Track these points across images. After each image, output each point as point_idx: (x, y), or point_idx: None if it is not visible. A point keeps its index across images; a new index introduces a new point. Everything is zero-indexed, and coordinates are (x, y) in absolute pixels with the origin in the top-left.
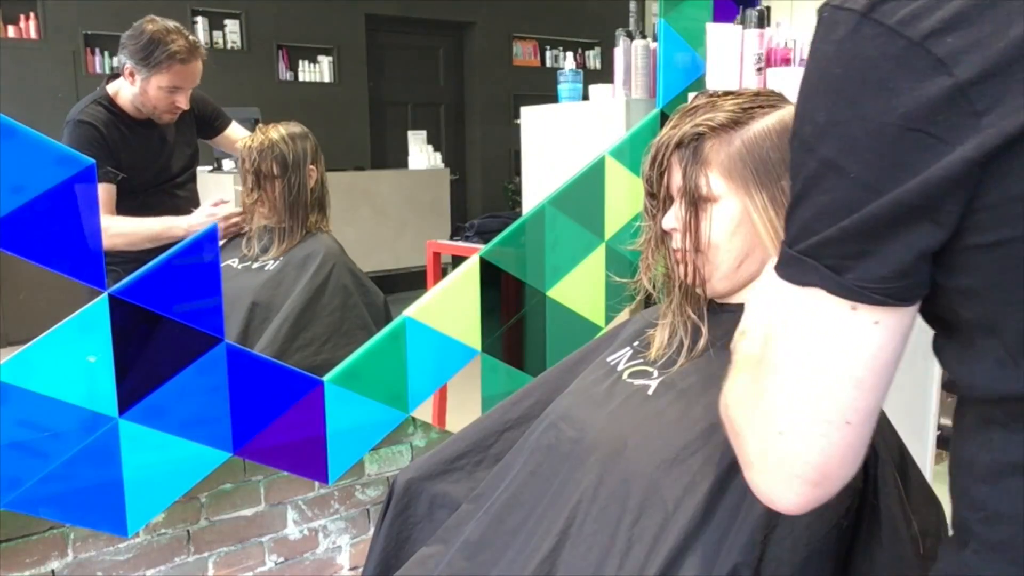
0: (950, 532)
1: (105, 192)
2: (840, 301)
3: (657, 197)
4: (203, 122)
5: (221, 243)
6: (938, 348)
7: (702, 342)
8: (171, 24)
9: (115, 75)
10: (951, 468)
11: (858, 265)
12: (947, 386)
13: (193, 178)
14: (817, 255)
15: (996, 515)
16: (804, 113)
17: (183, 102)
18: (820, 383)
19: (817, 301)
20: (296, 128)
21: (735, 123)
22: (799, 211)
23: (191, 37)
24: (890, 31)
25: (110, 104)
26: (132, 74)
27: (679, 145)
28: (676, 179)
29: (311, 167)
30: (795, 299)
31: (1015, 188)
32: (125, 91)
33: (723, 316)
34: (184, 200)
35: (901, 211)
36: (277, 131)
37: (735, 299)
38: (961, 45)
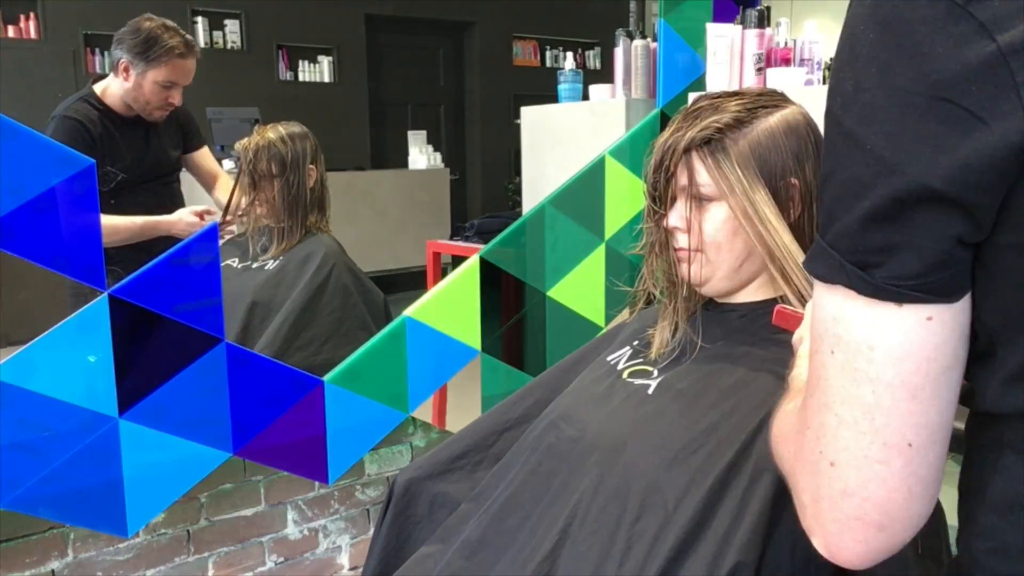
0: (953, 549)
1: None
2: (873, 302)
3: (663, 199)
4: (185, 131)
5: (220, 243)
6: None
7: (703, 342)
8: (168, 22)
9: (100, 77)
10: (961, 488)
11: (888, 260)
12: (963, 399)
13: (177, 180)
14: (840, 247)
15: (1004, 547)
16: (835, 85)
17: (177, 99)
18: (870, 399)
19: (849, 302)
20: (296, 128)
21: (739, 123)
22: (824, 194)
23: (187, 36)
24: None
25: (97, 101)
26: (127, 69)
27: (687, 148)
28: (681, 180)
29: (311, 167)
30: (827, 301)
31: None
32: (113, 88)
33: (724, 316)
34: (168, 199)
35: (927, 195)
36: (276, 131)
37: (736, 299)
38: (1008, 9)
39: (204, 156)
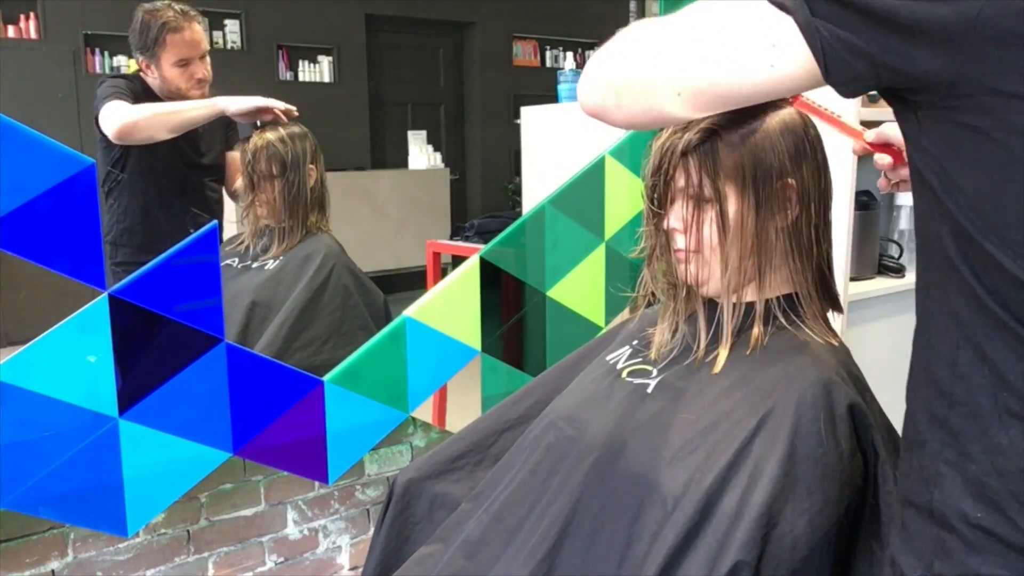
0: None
1: (129, 104)
2: (793, 29)
3: (662, 201)
4: (229, 131)
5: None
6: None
7: (702, 342)
8: (159, 3)
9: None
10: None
11: (833, 24)
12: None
13: (219, 180)
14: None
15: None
16: None
17: (201, 72)
18: (717, 65)
19: (778, 19)
20: (295, 128)
21: (735, 124)
22: None
23: (179, 6)
24: None
25: (143, 85)
26: (147, 66)
27: (684, 151)
28: (679, 181)
29: (311, 167)
30: (757, 8)
31: None
32: (151, 82)
33: (723, 316)
34: (213, 200)
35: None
36: (275, 131)
37: (735, 299)
38: None
39: (235, 155)
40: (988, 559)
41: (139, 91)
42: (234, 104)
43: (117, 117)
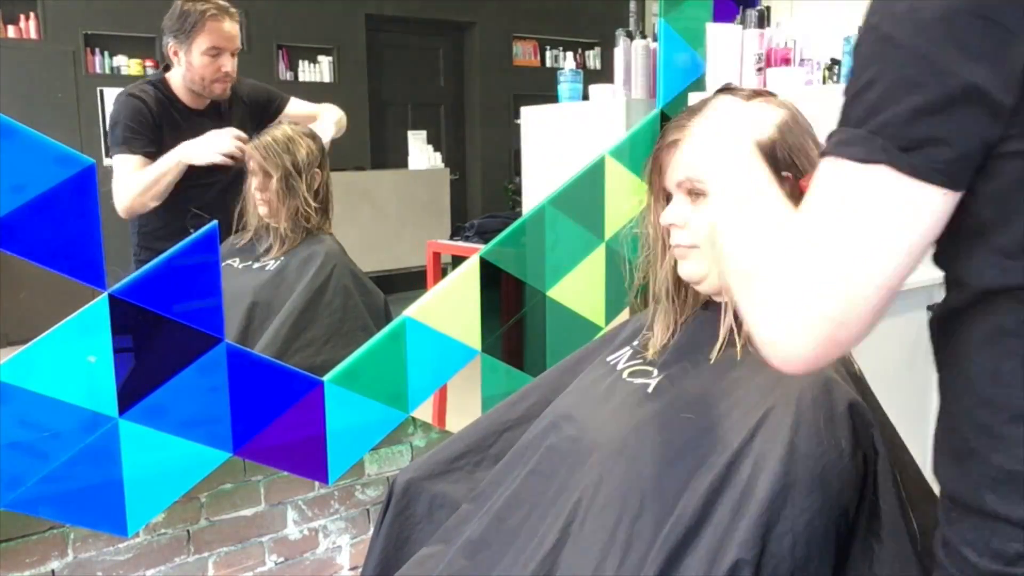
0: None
1: (132, 163)
2: (907, 178)
3: (660, 197)
4: (258, 108)
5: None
6: (941, 249)
7: (701, 341)
8: None
9: (168, 67)
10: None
11: (926, 148)
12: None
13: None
14: (885, 134)
15: None
16: (883, 6)
17: (228, 66)
18: (879, 251)
19: (883, 177)
20: (302, 129)
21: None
22: (867, 94)
23: (221, 2)
24: None
25: (165, 88)
26: (176, 52)
27: (682, 144)
28: (676, 176)
29: (316, 169)
30: (855, 176)
31: None
32: (176, 78)
33: (721, 314)
34: (235, 195)
35: (973, 94)
36: (283, 131)
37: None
38: None
39: (295, 107)
40: None
41: (158, 109)
42: (197, 158)
43: (119, 197)
